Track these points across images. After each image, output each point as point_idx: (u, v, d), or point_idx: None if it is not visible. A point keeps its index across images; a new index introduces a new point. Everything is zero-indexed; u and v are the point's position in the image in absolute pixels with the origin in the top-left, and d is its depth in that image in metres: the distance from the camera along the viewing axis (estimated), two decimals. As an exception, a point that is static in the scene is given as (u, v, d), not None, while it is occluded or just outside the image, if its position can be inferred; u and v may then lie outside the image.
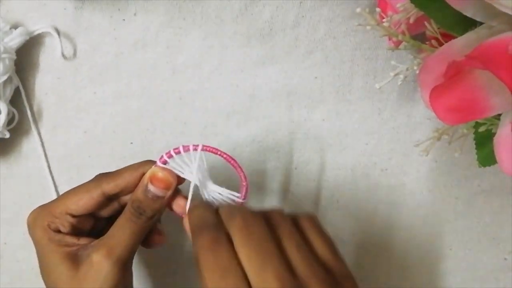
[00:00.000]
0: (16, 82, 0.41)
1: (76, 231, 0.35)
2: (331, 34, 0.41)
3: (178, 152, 0.33)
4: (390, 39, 0.38)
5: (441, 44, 0.31)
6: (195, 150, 0.33)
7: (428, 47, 0.33)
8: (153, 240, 0.37)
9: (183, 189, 0.35)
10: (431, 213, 0.45)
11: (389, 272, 0.46)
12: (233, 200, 0.34)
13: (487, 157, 0.35)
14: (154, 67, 0.42)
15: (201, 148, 0.33)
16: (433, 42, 0.32)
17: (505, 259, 0.46)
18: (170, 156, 0.34)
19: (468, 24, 0.29)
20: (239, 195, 0.34)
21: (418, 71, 0.32)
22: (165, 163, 0.34)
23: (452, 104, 0.28)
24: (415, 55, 0.35)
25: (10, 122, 0.41)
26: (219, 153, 0.33)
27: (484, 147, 0.35)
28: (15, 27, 0.40)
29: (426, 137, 0.38)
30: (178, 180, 0.34)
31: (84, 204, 0.34)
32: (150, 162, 0.35)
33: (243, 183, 0.34)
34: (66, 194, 0.35)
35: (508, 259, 0.46)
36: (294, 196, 0.45)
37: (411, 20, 0.32)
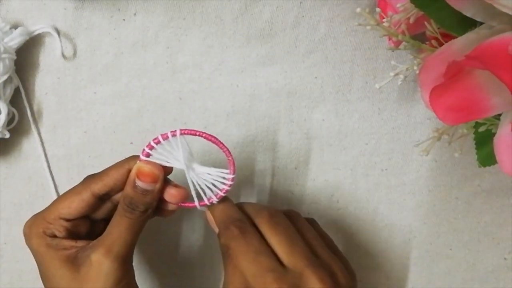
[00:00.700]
0: (16, 82, 0.41)
1: (73, 235, 0.35)
2: (331, 34, 0.41)
3: (158, 142, 0.33)
4: (390, 39, 0.38)
5: (441, 44, 0.31)
6: (174, 136, 0.33)
7: (428, 47, 0.33)
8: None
9: (176, 176, 0.35)
10: (431, 213, 0.45)
11: (389, 272, 0.46)
12: (223, 177, 0.34)
13: (487, 157, 0.35)
14: (154, 67, 0.42)
15: (179, 133, 0.33)
16: (433, 42, 0.32)
17: (505, 259, 0.46)
18: (152, 148, 0.34)
19: (468, 24, 0.29)
20: (227, 171, 0.34)
21: (418, 71, 0.32)
22: (148, 155, 0.34)
23: (452, 104, 0.28)
24: (415, 55, 0.35)
25: (10, 122, 0.41)
26: (198, 133, 0.33)
27: (484, 147, 0.35)
28: (15, 27, 0.40)
29: (426, 137, 0.38)
30: (165, 170, 0.34)
31: (76, 207, 0.35)
32: (135, 157, 0.35)
33: (229, 158, 0.34)
34: (57, 199, 0.36)
35: (508, 259, 0.46)
36: (294, 196, 0.45)
37: (411, 20, 0.32)
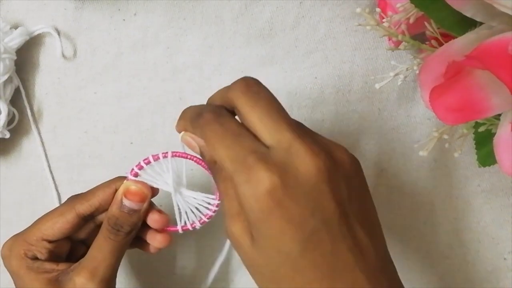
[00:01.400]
0: (16, 82, 0.41)
1: (54, 257, 0.35)
2: (331, 34, 0.41)
3: (148, 162, 0.33)
4: (390, 39, 0.38)
5: (441, 44, 0.31)
6: (165, 157, 0.33)
7: (428, 47, 0.33)
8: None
9: (159, 198, 0.35)
10: (431, 213, 0.45)
11: (389, 272, 0.46)
12: (208, 203, 0.34)
13: (486, 157, 0.35)
14: (154, 67, 0.42)
15: (170, 155, 0.33)
16: (433, 42, 0.32)
17: (504, 259, 0.46)
18: (141, 168, 0.33)
19: (468, 24, 0.29)
20: (213, 196, 0.33)
21: (418, 71, 0.32)
22: (136, 175, 0.33)
23: (452, 104, 0.28)
24: (415, 55, 0.35)
25: (10, 122, 0.41)
26: (189, 157, 0.32)
27: (484, 147, 0.35)
28: (15, 27, 0.40)
29: (426, 137, 0.38)
30: (152, 191, 0.34)
31: (60, 228, 0.34)
32: (122, 178, 0.34)
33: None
34: (40, 220, 0.35)
35: (507, 259, 0.46)
36: (294, 196, 0.45)
37: (411, 20, 0.32)
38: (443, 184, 0.44)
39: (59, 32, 0.41)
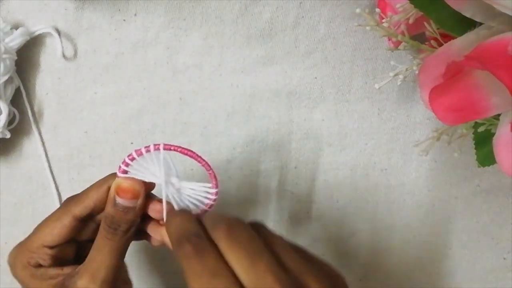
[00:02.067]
0: (17, 82, 0.41)
1: (59, 261, 0.34)
2: (331, 35, 0.41)
3: (132, 158, 0.32)
4: (389, 40, 0.38)
5: (440, 45, 0.31)
6: (148, 151, 0.32)
7: (427, 47, 0.33)
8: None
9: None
10: (431, 213, 0.45)
11: (389, 272, 0.46)
12: (206, 191, 0.33)
13: (486, 157, 0.35)
14: (155, 68, 0.42)
15: (153, 148, 0.32)
16: (432, 42, 0.32)
17: (504, 259, 0.46)
18: (127, 164, 0.32)
19: (468, 24, 0.29)
20: (210, 185, 0.33)
21: (417, 71, 0.32)
22: (125, 172, 0.33)
23: (452, 104, 0.28)
24: (415, 55, 0.35)
25: (11, 122, 0.41)
26: (172, 148, 0.32)
27: (484, 147, 0.35)
28: (16, 27, 0.40)
29: (426, 137, 0.38)
30: (147, 186, 0.33)
31: (58, 234, 0.33)
32: (113, 175, 0.34)
33: (209, 172, 0.33)
34: (38, 227, 0.35)
35: (507, 259, 0.46)
36: (294, 196, 0.45)
37: (411, 21, 0.32)
38: (443, 184, 0.44)
39: (59, 33, 0.41)
